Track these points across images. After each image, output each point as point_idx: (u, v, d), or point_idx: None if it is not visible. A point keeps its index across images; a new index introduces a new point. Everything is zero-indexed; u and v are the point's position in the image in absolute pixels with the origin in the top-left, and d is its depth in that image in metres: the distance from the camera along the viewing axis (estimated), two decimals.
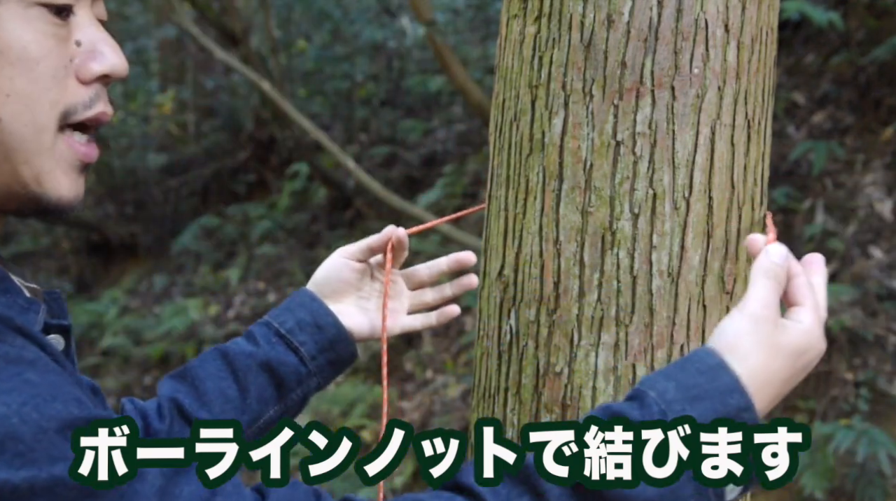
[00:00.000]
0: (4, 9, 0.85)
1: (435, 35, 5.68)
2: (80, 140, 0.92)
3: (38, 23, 0.86)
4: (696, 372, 0.90)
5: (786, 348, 0.92)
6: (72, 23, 0.90)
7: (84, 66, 0.90)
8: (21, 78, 0.85)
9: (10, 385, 0.74)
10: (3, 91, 0.85)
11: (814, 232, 4.74)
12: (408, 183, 7.42)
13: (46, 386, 0.77)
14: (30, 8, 0.86)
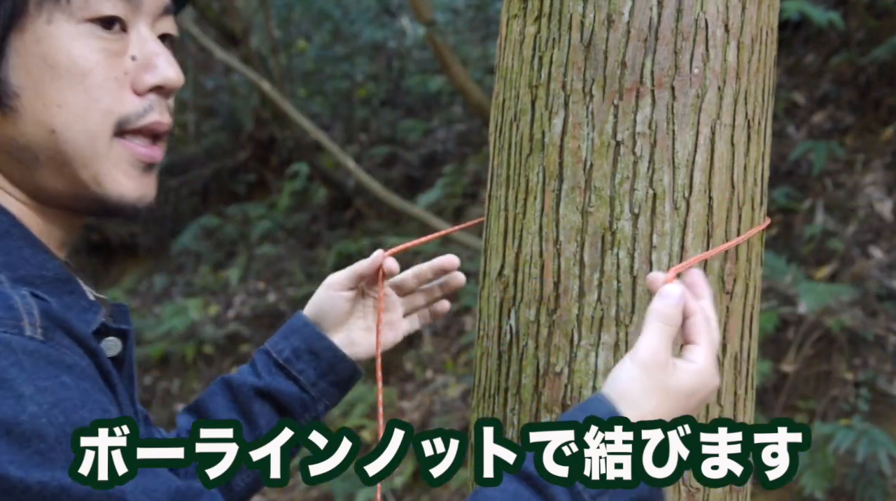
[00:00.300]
0: (54, 27, 0.91)
1: (435, 35, 5.68)
2: (141, 143, 0.97)
3: (88, 38, 0.93)
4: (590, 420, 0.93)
5: (676, 391, 0.95)
6: (128, 39, 0.96)
7: (138, 78, 0.96)
8: (71, 90, 0.92)
9: (46, 384, 0.79)
10: (55, 102, 0.92)
11: (814, 232, 4.74)
12: (408, 183, 7.42)
13: (79, 392, 0.82)
14: (79, 24, 0.92)
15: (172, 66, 0.98)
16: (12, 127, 0.93)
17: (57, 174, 0.95)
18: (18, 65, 0.92)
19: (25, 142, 0.93)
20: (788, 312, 4.42)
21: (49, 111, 0.92)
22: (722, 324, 1.28)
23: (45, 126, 0.93)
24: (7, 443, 0.77)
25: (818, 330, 4.34)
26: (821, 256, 4.72)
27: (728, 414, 1.29)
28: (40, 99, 0.92)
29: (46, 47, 0.92)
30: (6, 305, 0.83)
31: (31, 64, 0.92)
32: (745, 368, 1.31)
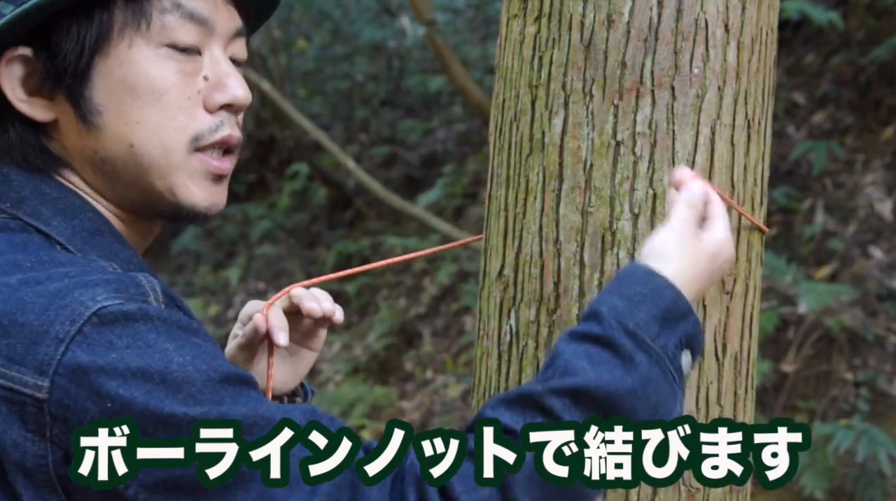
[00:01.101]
0: (135, 51, 1.01)
1: (435, 35, 5.68)
2: (213, 156, 1.06)
3: (166, 60, 1.02)
4: (633, 282, 1.03)
5: (703, 252, 1.07)
6: (202, 60, 1.04)
7: (209, 97, 1.04)
8: (148, 108, 1.01)
9: (184, 343, 0.91)
10: (134, 119, 1.01)
11: (814, 232, 4.74)
12: (408, 183, 7.42)
13: (210, 348, 0.94)
14: (158, 49, 1.01)
15: (242, 86, 1.06)
16: (95, 141, 1.02)
17: (135, 184, 1.04)
18: (102, 85, 1.01)
19: (107, 154, 1.02)
20: (788, 312, 4.42)
21: (129, 127, 1.01)
22: (722, 324, 1.28)
23: (125, 141, 1.02)
24: (164, 389, 0.88)
25: (818, 330, 4.34)
26: (821, 256, 4.72)
27: (728, 414, 1.29)
28: (121, 116, 1.01)
29: (127, 70, 1.01)
30: (134, 282, 0.94)
31: (113, 85, 1.01)
32: (745, 368, 1.31)
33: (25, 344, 0.88)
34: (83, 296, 0.90)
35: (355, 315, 6.65)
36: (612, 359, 0.98)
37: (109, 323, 0.89)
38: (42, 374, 0.88)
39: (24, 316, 0.89)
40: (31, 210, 1.00)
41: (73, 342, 0.88)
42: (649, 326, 1.00)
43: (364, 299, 6.70)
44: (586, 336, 1.00)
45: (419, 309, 6.21)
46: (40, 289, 0.91)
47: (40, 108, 1.02)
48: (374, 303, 6.63)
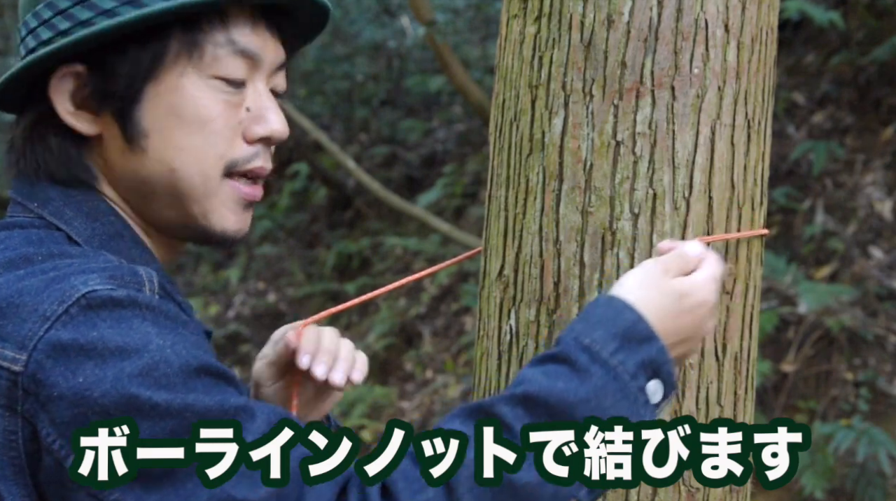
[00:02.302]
0: (185, 79, 1.04)
1: (435, 35, 5.67)
2: (244, 184, 1.09)
3: (214, 91, 1.05)
4: (594, 307, 1.06)
5: (670, 288, 1.06)
6: (246, 92, 1.08)
7: (249, 129, 1.08)
8: (193, 135, 1.05)
9: (168, 330, 0.93)
10: (178, 145, 1.05)
11: (814, 232, 4.74)
12: (408, 183, 7.42)
13: (193, 339, 0.95)
14: (209, 79, 1.05)
15: (281, 120, 1.10)
16: (138, 162, 1.06)
17: (170, 206, 1.07)
18: (150, 109, 1.04)
19: (147, 176, 1.06)
20: (788, 312, 4.42)
21: (172, 152, 1.05)
22: (722, 324, 1.28)
23: (166, 164, 1.05)
24: (137, 368, 0.89)
25: (818, 330, 4.35)
26: (821, 256, 4.72)
27: (728, 414, 1.29)
28: (165, 141, 1.05)
29: (177, 97, 1.04)
30: (132, 271, 0.97)
31: (161, 110, 1.04)
32: (745, 368, 1.31)
33: (16, 323, 0.91)
34: (76, 281, 0.92)
35: (355, 315, 6.65)
36: (567, 372, 0.99)
37: (96, 307, 0.91)
38: (22, 348, 0.90)
39: (21, 298, 0.92)
40: (55, 210, 1.04)
41: (57, 321, 0.90)
42: (606, 342, 1.00)
43: None
44: (545, 357, 1.02)
45: (419, 309, 6.21)
46: (42, 277, 0.94)
47: (86, 122, 1.05)
48: (374, 303, 6.63)
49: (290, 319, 7.06)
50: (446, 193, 6.72)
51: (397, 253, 6.87)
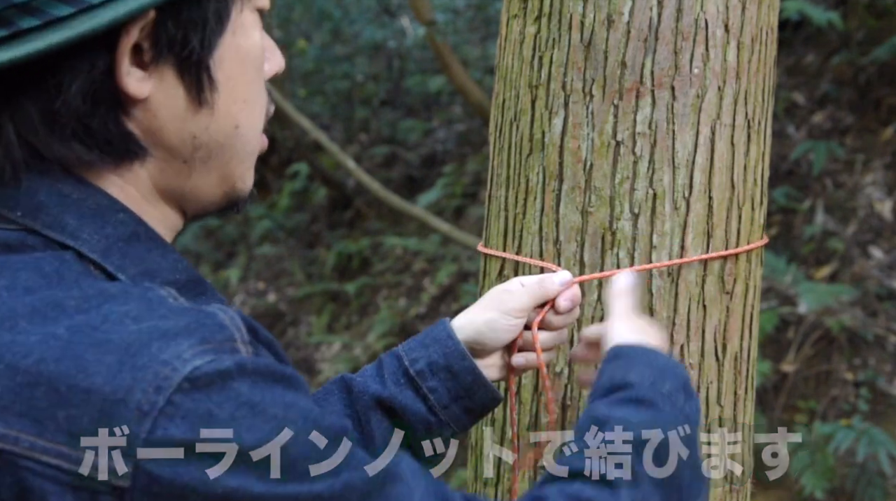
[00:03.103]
0: (245, 16, 0.88)
1: (435, 35, 5.67)
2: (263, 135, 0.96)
3: (259, 27, 0.90)
4: (645, 354, 1.05)
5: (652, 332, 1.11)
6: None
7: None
8: (252, 84, 0.90)
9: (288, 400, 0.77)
10: (242, 97, 0.89)
11: (814, 232, 4.74)
12: (408, 183, 7.42)
13: (310, 402, 0.80)
14: (254, 13, 0.90)
15: (279, 52, 0.96)
16: (202, 123, 0.87)
17: (214, 171, 0.91)
18: (223, 58, 0.87)
19: (208, 138, 0.88)
20: (788, 312, 4.42)
21: (237, 106, 0.89)
22: (722, 324, 1.28)
23: (232, 121, 0.89)
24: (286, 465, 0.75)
25: (818, 330, 4.35)
26: (821, 256, 4.72)
27: (728, 414, 1.29)
28: (232, 94, 0.88)
29: (241, 38, 0.88)
30: (217, 324, 0.76)
31: (229, 56, 0.87)
32: (745, 368, 1.31)
33: (94, 417, 0.70)
34: (165, 354, 0.72)
35: (355, 315, 6.65)
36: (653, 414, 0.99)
37: (204, 388, 0.72)
38: (124, 456, 0.70)
39: (88, 379, 0.70)
40: (52, 220, 0.81)
41: (161, 414, 0.70)
42: (676, 391, 1.02)
43: (364, 299, 6.70)
44: (628, 399, 1.00)
45: (419, 309, 6.21)
46: (102, 342, 0.72)
47: (140, 82, 0.83)
48: (374, 303, 6.63)
49: (290, 319, 7.07)
50: (446, 193, 6.72)
51: (397, 254, 6.87)
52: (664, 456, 0.95)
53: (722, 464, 1.29)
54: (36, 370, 0.71)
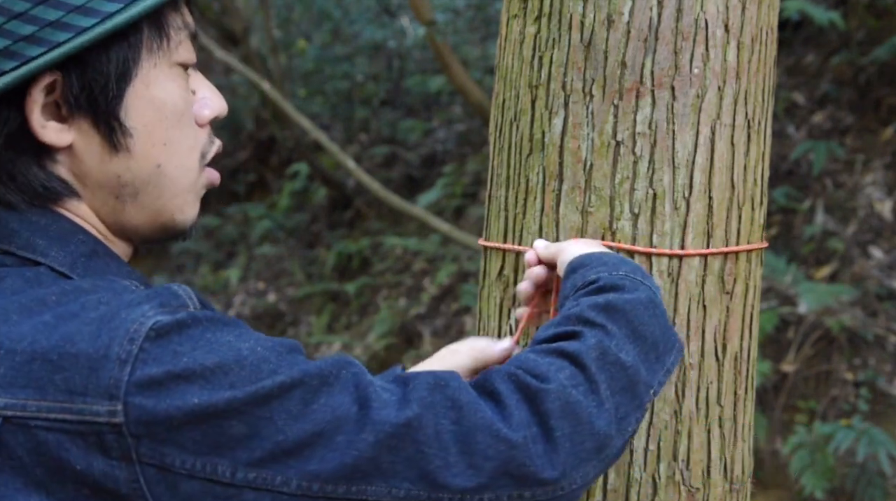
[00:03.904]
0: (159, 70, 1.00)
1: (435, 35, 5.68)
2: (209, 171, 1.07)
3: (178, 79, 1.02)
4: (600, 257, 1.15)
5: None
6: (190, 74, 1.05)
7: (199, 113, 1.05)
8: (173, 128, 1.01)
9: (238, 333, 0.91)
10: (161, 140, 1.01)
11: (814, 232, 4.74)
12: (408, 183, 7.42)
13: (258, 333, 0.93)
14: (172, 67, 1.01)
15: (219, 97, 1.07)
16: (121, 164, 1.00)
17: (148, 206, 1.03)
18: (133, 107, 0.99)
19: (131, 177, 1.01)
20: (788, 312, 4.42)
21: (157, 149, 1.01)
22: (722, 324, 1.28)
23: (152, 162, 1.01)
24: (246, 373, 0.88)
25: (818, 330, 4.35)
26: (821, 256, 4.72)
27: (728, 414, 1.29)
28: (149, 137, 1.00)
29: (155, 90, 1.00)
30: (172, 293, 0.92)
31: (142, 106, 0.99)
32: (745, 368, 1.31)
33: (85, 374, 0.85)
34: (132, 315, 0.88)
35: (355, 315, 6.65)
36: (620, 292, 1.08)
37: (167, 334, 0.87)
38: (112, 398, 0.85)
39: (75, 346, 0.86)
40: (24, 243, 0.96)
41: (137, 360, 0.85)
42: (636, 271, 1.12)
43: (364, 299, 6.70)
44: (590, 291, 1.09)
45: (419, 309, 6.21)
46: (83, 318, 0.88)
47: (58, 133, 0.97)
48: (374, 303, 6.63)
49: (290, 319, 7.07)
50: (446, 193, 6.72)
51: (397, 254, 6.87)
52: (633, 316, 1.05)
53: (722, 464, 1.29)
54: (31, 349, 0.86)
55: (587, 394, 0.97)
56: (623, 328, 1.03)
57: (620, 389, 1.00)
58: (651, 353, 1.05)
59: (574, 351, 0.99)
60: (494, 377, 0.97)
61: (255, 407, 0.87)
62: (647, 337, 1.05)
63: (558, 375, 0.96)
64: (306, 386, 0.89)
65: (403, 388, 0.93)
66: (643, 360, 1.04)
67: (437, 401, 0.92)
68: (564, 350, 0.99)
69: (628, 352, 1.02)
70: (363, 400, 0.90)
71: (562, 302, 1.11)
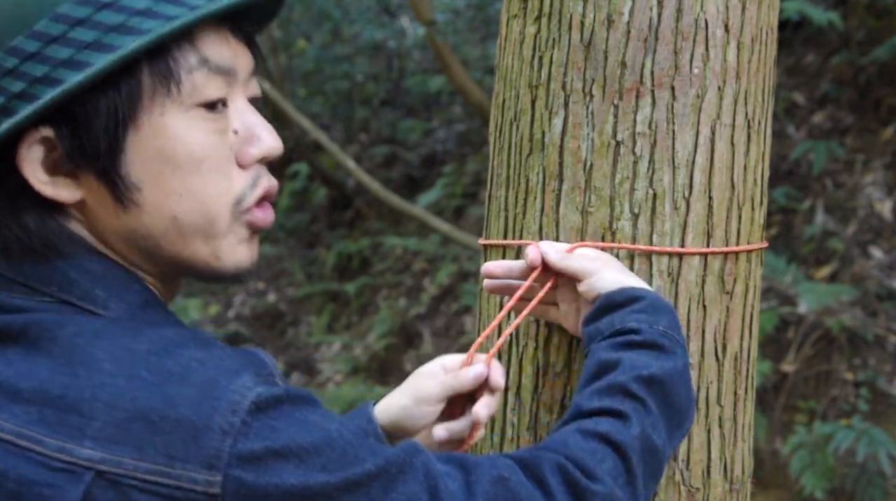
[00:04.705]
0: (167, 118, 0.93)
1: (435, 35, 5.68)
2: (258, 211, 1.00)
3: (199, 122, 0.94)
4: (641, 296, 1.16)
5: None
6: (228, 114, 0.97)
7: (243, 152, 0.98)
8: (190, 177, 0.94)
9: (322, 413, 0.92)
10: (176, 191, 0.94)
11: (814, 232, 4.74)
12: (408, 183, 7.42)
13: (333, 412, 0.95)
14: (189, 110, 0.94)
15: (273, 135, 1.00)
16: (134, 219, 0.95)
17: (178, 255, 0.98)
18: (137, 160, 0.93)
19: (147, 231, 0.96)
20: (788, 312, 4.42)
21: (171, 200, 0.94)
22: (722, 324, 1.28)
23: (167, 214, 0.95)
24: (336, 456, 0.89)
25: (818, 330, 4.35)
26: (821, 256, 4.72)
27: (728, 415, 1.29)
28: (161, 189, 0.94)
29: (163, 139, 0.93)
30: (261, 362, 0.93)
31: (149, 157, 0.93)
32: (745, 368, 1.31)
33: (186, 440, 0.85)
34: (233, 385, 0.87)
35: (355, 315, 6.65)
36: (660, 354, 1.11)
37: (266, 409, 0.87)
38: (212, 469, 0.84)
39: (177, 410, 0.85)
40: (83, 293, 0.94)
41: (239, 433, 0.85)
42: (671, 325, 1.14)
43: (364, 299, 6.70)
44: (632, 343, 1.11)
45: (419, 309, 6.21)
46: (181, 381, 0.87)
47: (65, 189, 0.94)
48: (374, 303, 6.63)
49: (290, 319, 7.07)
50: (446, 193, 6.72)
51: (397, 253, 6.87)
52: (669, 388, 1.09)
53: (722, 464, 1.29)
54: (132, 407, 0.85)
55: (625, 486, 1.02)
56: (660, 403, 1.08)
57: (652, 473, 1.06)
58: (675, 420, 1.10)
59: (620, 442, 1.02)
60: (544, 463, 0.99)
61: (344, 492, 0.88)
62: (677, 407, 1.10)
63: (603, 467, 1.00)
64: (387, 474, 0.91)
65: (466, 476, 0.96)
66: (669, 435, 1.09)
67: (500, 495, 0.95)
68: (611, 438, 1.02)
69: (661, 433, 1.07)
70: (433, 489, 0.92)
71: (593, 336, 1.14)
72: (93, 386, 0.86)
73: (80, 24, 0.90)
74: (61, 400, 0.86)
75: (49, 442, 0.85)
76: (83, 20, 0.90)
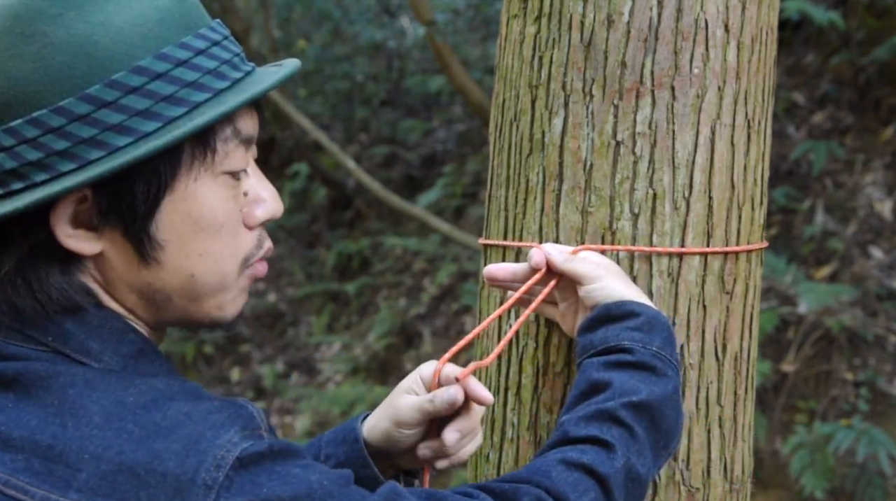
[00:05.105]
0: (200, 183, 0.97)
1: (435, 35, 5.68)
2: (258, 266, 1.06)
3: (224, 189, 1.00)
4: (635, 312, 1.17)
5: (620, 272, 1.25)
6: (244, 179, 1.03)
7: (250, 214, 1.03)
8: (210, 240, 0.99)
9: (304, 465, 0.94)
10: (196, 252, 0.99)
11: (814, 232, 4.74)
12: (408, 183, 7.42)
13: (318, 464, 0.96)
14: (217, 177, 0.99)
15: (276, 198, 1.06)
16: (151, 275, 0.99)
17: (185, 308, 1.02)
18: (166, 221, 0.97)
19: (162, 286, 1.00)
20: (788, 312, 4.42)
21: (191, 260, 0.99)
22: (722, 324, 1.28)
23: (184, 272, 0.99)
24: None
25: (818, 330, 4.35)
26: (821, 256, 4.72)
27: (728, 414, 1.29)
28: (183, 249, 0.98)
29: (193, 203, 0.98)
30: (248, 415, 0.95)
31: (177, 219, 0.97)
32: (745, 368, 1.31)
33: (170, 494, 0.87)
34: (219, 440, 0.90)
35: (355, 315, 6.65)
36: (651, 377, 1.12)
37: (249, 465, 0.89)
38: None
39: (163, 464, 0.87)
40: (78, 345, 0.96)
41: (221, 487, 0.88)
42: (665, 345, 1.15)
43: (364, 299, 6.70)
44: (624, 363, 1.12)
45: (419, 309, 6.21)
46: (168, 435, 0.89)
47: (87, 242, 0.96)
48: (374, 303, 6.63)
49: (290, 319, 7.07)
50: (446, 193, 6.72)
51: (397, 254, 6.87)
52: (658, 413, 1.10)
53: (722, 464, 1.29)
54: (118, 460, 0.87)
55: None
56: (648, 428, 1.09)
57: (634, 500, 1.08)
58: (662, 442, 1.12)
59: (603, 475, 1.03)
60: (523, 499, 1.01)
61: None
62: (664, 431, 1.11)
63: (585, 500, 1.02)
64: None
65: None
66: (655, 457, 1.11)
67: None
68: (595, 470, 1.03)
69: (646, 459, 1.08)
70: None
71: (587, 348, 1.15)
72: (81, 438, 0.88)
73: (133, 92, 0.93)
74: (50, 451, 0.88)
75: (35, 492, 0.87)
76: (136, 88, 0.93)
